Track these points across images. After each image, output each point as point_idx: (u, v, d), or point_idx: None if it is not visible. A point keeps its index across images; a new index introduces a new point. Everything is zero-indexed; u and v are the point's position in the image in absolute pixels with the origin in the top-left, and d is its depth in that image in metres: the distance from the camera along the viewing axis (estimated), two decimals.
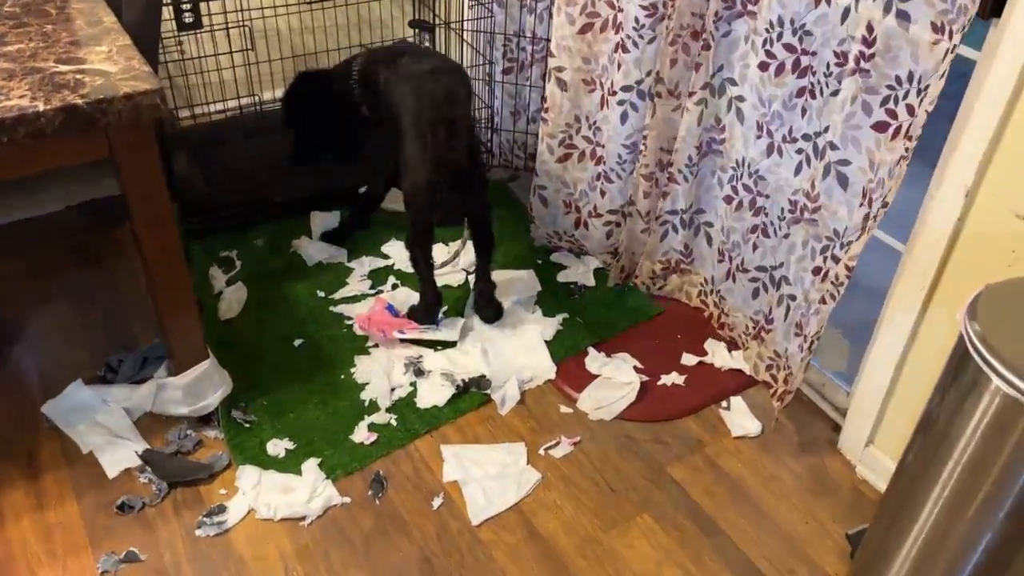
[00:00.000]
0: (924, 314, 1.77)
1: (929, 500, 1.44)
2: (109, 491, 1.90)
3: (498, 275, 2.53)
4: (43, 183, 1.99)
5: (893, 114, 1.70)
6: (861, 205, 1.81)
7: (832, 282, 1.89)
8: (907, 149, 1.65)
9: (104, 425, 2.01)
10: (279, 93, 3.10)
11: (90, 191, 2.07)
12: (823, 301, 1.91)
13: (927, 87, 1.60)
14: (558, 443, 2.06)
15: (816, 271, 1.97)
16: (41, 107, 1.48)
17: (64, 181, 1.97)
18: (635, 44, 2.13)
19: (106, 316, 2.36)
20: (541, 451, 2.04)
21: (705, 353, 2.31)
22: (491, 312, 2.36)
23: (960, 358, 1.33)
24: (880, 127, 1.74)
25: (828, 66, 1.82)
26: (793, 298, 2.08)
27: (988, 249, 1.59)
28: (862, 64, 1.72)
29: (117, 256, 2.58)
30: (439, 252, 2.55)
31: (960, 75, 1.60)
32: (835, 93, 1.82)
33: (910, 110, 1.66)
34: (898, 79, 1.67)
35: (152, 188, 1.70)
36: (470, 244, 2.45)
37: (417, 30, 3.10)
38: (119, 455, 1.96)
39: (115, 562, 1.76)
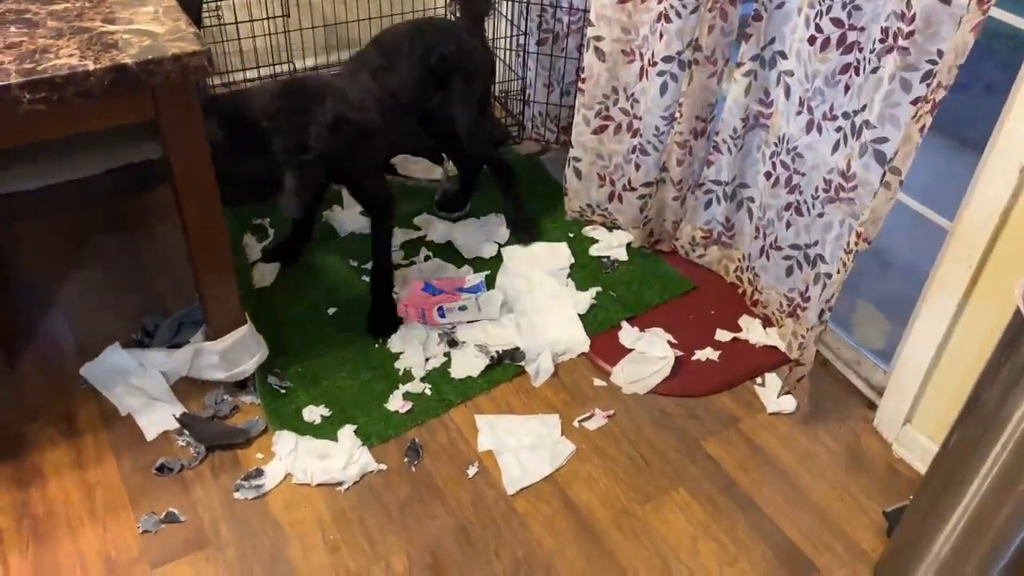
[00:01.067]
0: (970, 293, 1.75)
1: (976, 478, 1.43)
2: (148, 452, 1.91)
3: (531, 248, 2.53)
4: (81, 147, 1.99)
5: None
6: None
7: (844, 249, 1.87)
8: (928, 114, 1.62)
9: (141, 388, 2.03)
10: (311, 62, 3.10)
11: (127, 155, 2.07)
12: (838, 271, 1.89)
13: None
14: (592, 415, 2.06)
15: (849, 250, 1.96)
16: (91, 66, 1.47)
17: (101, 145, 1.98)
18: (678, 14, 2.10)
19: (140, 281, 2.37)
20: (575, 423, 2.04)
21: (740, 329, 2.30)
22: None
23: (1016, 333, 1.32)
24: (920, 103, 1.70)
25: (874, 43, 1.79)
26: (829, 276, 2.06)
27: None
28: (900, 42, 1.69)
29: (149, 222, 2.58)
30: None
31: (1008, 49, 1.57)
32: (875, 71, 1.79)
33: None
34: (940, 52, 1.64)
35: (195, 151, 1.69)
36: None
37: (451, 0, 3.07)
38: (157, 418, 1.98)
39: (156, 522, 1.78)
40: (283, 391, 2.06)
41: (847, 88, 1.88)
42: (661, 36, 2.16)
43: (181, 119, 1.63)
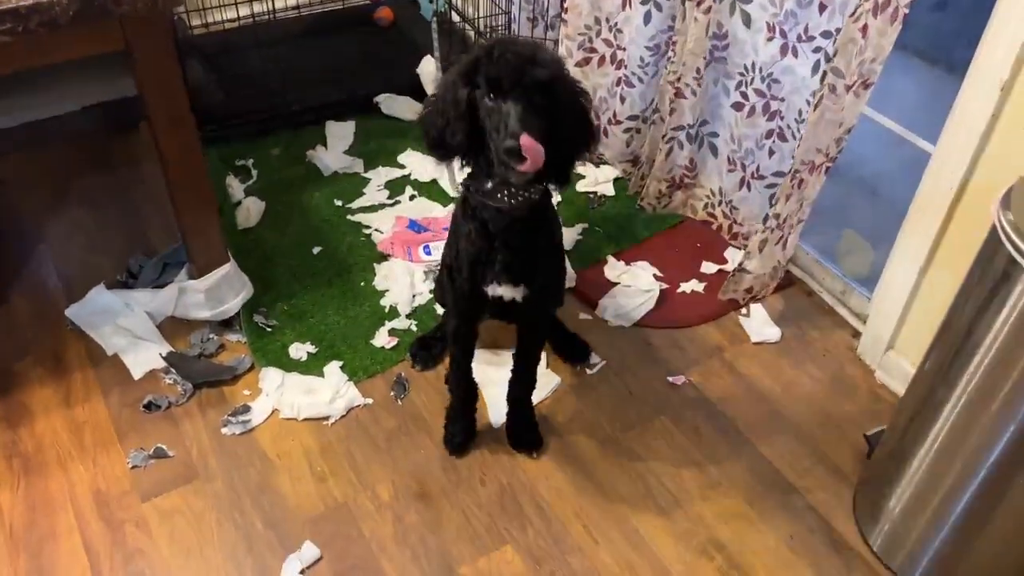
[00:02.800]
0: (951, 216, 1.74)
1: (952, 396, 1.44)
2: (135, 391, 1.93)
3: None
4: (59, 81, 1.97)
5: None
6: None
7: (803, 161, 1.89)
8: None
9: (127, 328, 2.03)
10: (292, 1, 3.04)
11: (105, 91, 2.04)
12: (798, 185, 1.89)
13: None
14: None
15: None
16: None
17: (80, 80, 1.95)
18: None
19: (123, 221, 2.36)
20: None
21: (725, 261, 2.30)
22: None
23: (992, 250, 1.32)
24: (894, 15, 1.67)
25: None
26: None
27: (1022, 144, 1.56)
28: None
29: (132, 162, 2.56)
30: None
31: None
32: None
33: None
34: None
35: (169, 83, 1.67)
36: None
37: None
38: (143, 357, 1.99)
39: (145, 457, 1.80)
40: (269, 329, 2.07)
41: (822, 7, 1.84)
42: None
43: (152, 50, 1.60)
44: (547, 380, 1.99)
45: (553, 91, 1.37)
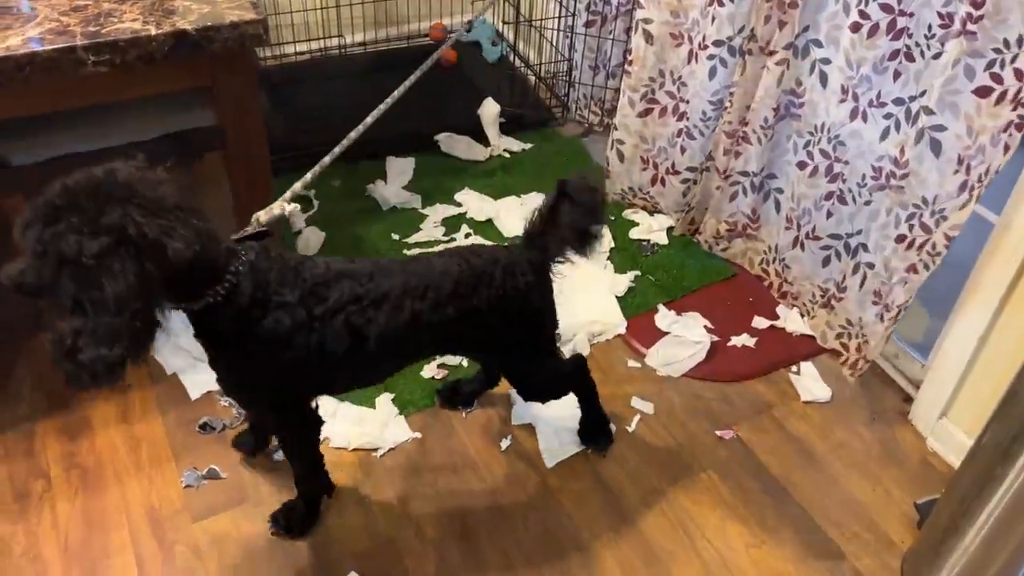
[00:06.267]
0: (1013, 289, 1.73)
1: (1011, 473, 1.42)
2: (191, 411, 1.97)
3: None
4: (137, 112, 2.04)
5: (998, 79, 1.65)
6: (956, 172, 1.77)
7: (928, 252, 1.86)
8: (1020, 117, 1.60)
9: (187, 349, 2.08)
10: (359, 37, 3.13)
11: (181, 122, 2.11)
12: (914, 271, 1.88)
13: None
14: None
15: (900, 239, 1.94)
16: (153, 31, 1.52)
17: (157, 111, 2.02)
18: None
19: None
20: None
21: (777, 317, 2.30)
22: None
23: None
24: (982, 92, 1.69)
25: (930, 28, 1.78)
26: (872, 266, 2.05)
27: None
28: (968, 26, 1.67)
29: (198, 187, 2.63)
30: None
31: None
32: (937, 56, 1.78)
33: (1018, 74, 1.61)
34: (1006, 42, 1.62)
35: (249, 117, 1.74)
36: None
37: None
38: (201, 378, 2.03)
39: (198, 477, 1.84)
40: None
41: (896, 74, 1.86)
42: (713, 19, 2.15)
43: (236, 86, 1.67)
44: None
45: None
